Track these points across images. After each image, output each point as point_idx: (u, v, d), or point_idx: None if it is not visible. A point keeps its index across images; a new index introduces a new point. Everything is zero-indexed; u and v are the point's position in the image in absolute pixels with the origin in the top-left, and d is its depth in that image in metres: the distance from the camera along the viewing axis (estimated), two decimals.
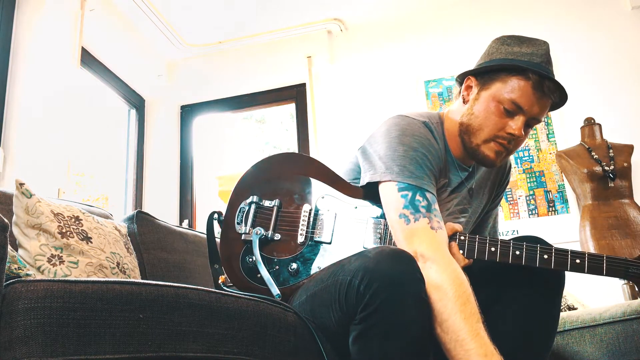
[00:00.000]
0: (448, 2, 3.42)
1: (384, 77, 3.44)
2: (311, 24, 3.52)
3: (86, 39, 2.87)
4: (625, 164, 2.65)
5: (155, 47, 3.56)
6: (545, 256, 1.14)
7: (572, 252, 1.14)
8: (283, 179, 1.37)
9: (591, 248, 2.51)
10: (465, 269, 1.20)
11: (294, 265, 1.26)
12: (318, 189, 1.34)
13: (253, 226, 1.31)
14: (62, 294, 0.77)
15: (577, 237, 2.64)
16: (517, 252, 1.16)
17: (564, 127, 3.07)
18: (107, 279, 1.07)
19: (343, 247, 1.26)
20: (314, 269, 1.25)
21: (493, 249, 1.17)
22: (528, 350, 1.16)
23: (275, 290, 1.21)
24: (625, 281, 2.45)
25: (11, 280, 0.79)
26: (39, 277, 1.21)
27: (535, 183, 3.06)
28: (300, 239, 1.29)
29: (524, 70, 1.23)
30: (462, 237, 1.20)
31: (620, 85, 3.05)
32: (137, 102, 3.62)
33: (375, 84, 3.44)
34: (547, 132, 3.11)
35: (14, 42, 2.57)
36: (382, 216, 1.27)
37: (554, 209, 2.99)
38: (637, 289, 2.44)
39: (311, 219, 1.31)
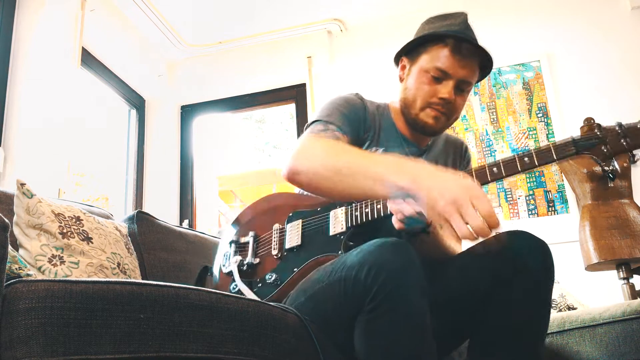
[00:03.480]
0: (448, 3, 3.42)
1: (384, 77, 3.42)
2: (311, 24, 3.52)
3: (86, 39, 2.87)
4: (625, 164, 2.65)
5: (155, 47, 3.56)
6: (495, 169, 1.15)
7: (519, 154, 1.13)
8: (256, 217, 1.49)
9: (591, 248, 2.51)
10: (454, 266, 1.26)
11: (274, 276, 1.32)
12: (285, 211, 1.43)
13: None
14: (62, 294, 0.78)
15: (577, 237, 2.64)
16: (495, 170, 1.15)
17: (563, 128, 3.07)
18: (107, 279, 1.08)
19: (312, 243, 1.32)
20: (291, 271, 1.30)
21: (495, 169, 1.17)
22: (520, 344, 1.17)
23: (253, 297, 1.27)
24: (625, 281, 2.45)
25: (12, 280, 0.79)
26: (39, 277, 1.21)
27: (534, 183, 3.06)
28: (274, 252, 1.36)
29: (442, 37, 1.33)
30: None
31: (620, 85, 3.05)
32: (137, 102, 3.62)
33: (375, 84, 3.44)
34: (547, 132, 3.11)
35: (14, 42, 2.57)
36: (344, 204, 1.32)
37: (553, 209, 2.99)
38: (637, 289, 2.44)
39: (283, 232, 1.39)
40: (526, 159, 1.13)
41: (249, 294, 1.28)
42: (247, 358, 0.94)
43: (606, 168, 1.16)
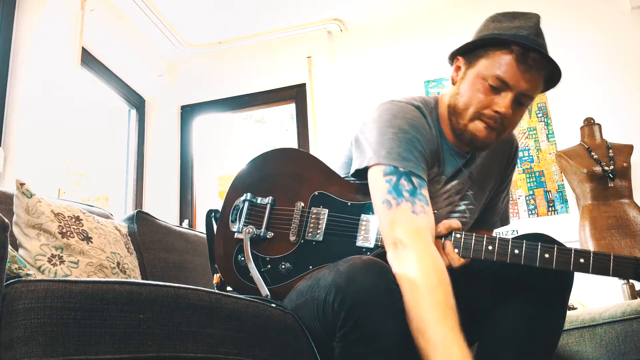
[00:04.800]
0: (448, 3, 3.42)
1: (384, 77, 3.44)
2: (311, 24, 3.52)
3: (86, 39, 2.87)
4: (624, 164, 2.65)
5: (155, 47, 3.56)
6: (547, 255, 1.07)
7: (576, 250, 1.07)
8: (277, 175, 1.35)
9: (591, 248, 2.51)
10: (465, 271, 1.17)
11: (286, 265, 1.24)
12: (311, 186, 1.31)
13: (246, 224, 1.29)
14: (62, 294, 0.77)
15: (577, 237, 2.64)
16: (516, 251, 1.09)
17: (563, 127, 3.07)
18: (107, 279, 1.08)
19: (335, 245, 1.23)
20: (306, 268, 1.23)
21: (490, 247, 1.11)
22: (527, 357, 1.15)
23: (264, 291, 1.21)
24: (625, 281, 2.45)
25: (12, 280, 0.79)
26: (39, 277, 1.21)
27: (535, 183, 3.06)
28: (292, 237, 1.27)
29: (507, 43, 1.17)
30: (458, 235, 1.14)
31: (620, 85, 3.05)
32: (137, 102, 3.62)
33: (375, 84, 3.44)
34: (547, 132, 3.11)
35: (14, 42, 2.57)
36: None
37: (553, 209, 2.99)
38: (636, 289, 2.44)
39: (304, 217, 1.28)
40: (582, 259, 1.06)
41: (255, 273, 1.22)
42: (246, 358, 0.94)
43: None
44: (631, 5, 3.12)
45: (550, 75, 1.22)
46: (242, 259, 1.27)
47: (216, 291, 0.98)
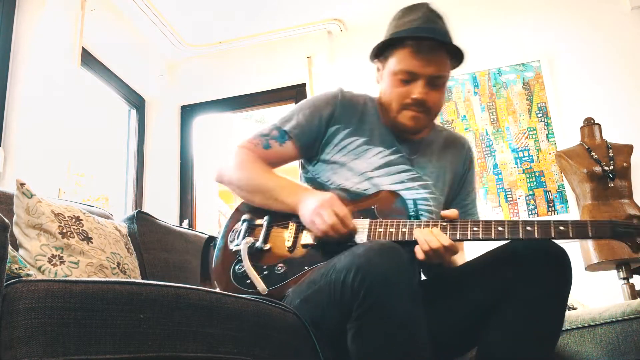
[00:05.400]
0: (448, 3, 3.42)
1: None
2: (311, 24, 3.52)
3: (86, 39, 2.87)
4: (624, 164, 2.65)
5: (155, 47, 3.56)
6: (529, 227, 1.15)
7: (555, 221, 1.15)
8: None
9: (591, 248, 2.51)
10: (463, 272, 1.22)
11: (282, 268, 1.28)
12: None
13: (244, 238, 1.34)
14: (62, 294, 0.78)
15: None
16: (500, 228, 1.17)
17: (563, 128, 3.07)
18: (107, 279, 1.08)
19: (329, 245, 1.28)
20: (301, 268, 1.27)
21: (475, 228, 1.19)
22: (530, 354, 1.15)
23: (261, 286, 1.23)
24: (625, 281, 2.45)
25: (12, 280, 0.79)
26: (39, 277, 1.21)
27: (534, 183, 3.06)
28: (288, 243, 1.32)
29: (401, 40, 1.33)
30: (444, 223, 1.22)
31: (620, 85, 3.05)
32: (137, 102, 3.62)
33: (375, 84, 3.44)
34: (547, 133, 3.11)
35: (14, 42, 2.57)
36: (366, 214, 1.30)
37: (553, 209, 2.99)
38: (636, 289, 2.44)
39: (299, 227, 1.34)
40: (562, 227, 1.15)
41: (256, 280, 1.24)
42: (246, 358, 0.94)
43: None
44: (631, 5, 3.12)
45: (452, 52, 1.36)
46: (239, 267, 1.30)
47: (216, 291, 0.98)
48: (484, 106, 3.26)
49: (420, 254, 1.18)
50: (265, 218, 1.37)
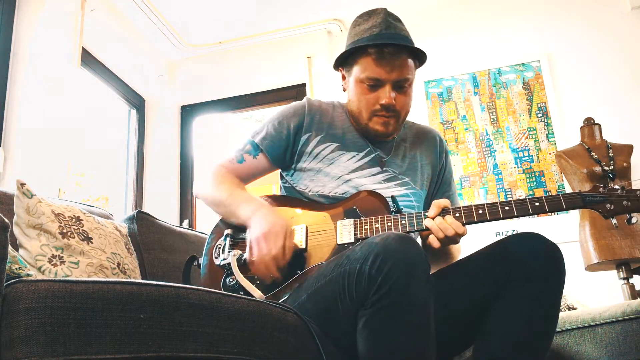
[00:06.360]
0: (448, 3, 3.42)
1: None
2: (311, 24, 3.52)
3: (86, 39, 2.87)
4: (624, 164, 2.65)
5: (155, 47, 3.56)
6: (507, 207, 1.23)
7: (530, 197, 1.25)
8: None
9: (591, 248, 2.51)
10: (459, 270, 1.26)
11: (273, 275, 1.29)
12: (287, 213, 1.41)
13: (231, 250, 1.35)
14: (63, 294, 0.78)
15: (577, 237, 2.64)
16: (480, 211, 1.24)
17: (563, 128, 3.07)
18: (107, 279, 1.08)
19: (319, 248, 1.31)
20: (294, 273, 1.29)
21: (457, 214, 1.25)
22: (524, 352, 1.16)
23: (257, 292, 1.23)
24: (625, 281, 2.45)
25: (12, 280, 0.79)
26: (39, 277, 1.21)
27: (534, 183, 3.06)
28: None
29: (363, 49, 1.35)
30: (447, 209, 1.27)
31: (620, 85, 3.05)
32: (137, 102, 3.62)
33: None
34: (547, 133, 3.11)
35: (14, 42, 2.57)
36: (348, 215, 1.34)
37: None
38: (636, 289, 2.44)
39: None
40: (537, 203, 1.23)
41: (251, 288, 1.25)
42: (247, 358, 0.94)
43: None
44: (631, 5, 3.12)
45: (414, 53, 1.38)
46: (230, 280, 1.31)
47: (216, 291, 0.98)
48: (484, 106, 3.26)
49: (436, 242, 1.24)
50: (248, 231, 1.38)
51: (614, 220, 1.23)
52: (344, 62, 1.44)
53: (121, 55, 3.28)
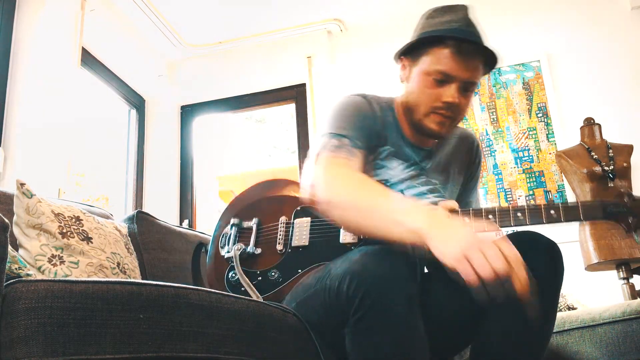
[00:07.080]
0: (447, 3, 3.42)
1: (384, 77, 3.43)
2: (311, 24, 3.52)
3: (86, 39, 2.87)
4: (624, 164, 2.65)
5: (155, 47, 3.56)
6: (519, 214, 1.18)
7: (546, 205, 1.18)
8: (260, 201, 1.44)
9: (591, 248, 2.51)
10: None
11: (276, 273, 1.29)
12: (293, 203, 1.38)
13: (235, 244, 1.35)
14: (62, 294, 0.78)
15: (577, 237, 2.64)
16: (490, 217, 1.19)
17: (563, 127, 3.07)
18: (107, 279, 1.08)
19: (321, 246, 1.29)
20: (295, 272, 1.27)
21: (467, 219, 1.19)
22: (522, 351, 1.16)
23: (255, 294, 1.23)
24: (625, 281, 2.45)
25: (12, 280, 0.79)
26: (39, 277, 1.21)
27: (535, 183, 3.06)
28: (279, 247, 1.32)
29: (441, 39, 1.26)
30: (457, 212, 1.22)
31: (620, 85, 3.05)
32: (137, 102, 3.62)
33: (375, 84, 3.44)
34: (547, 133, 3.11)
35: (14, 42, 2.57)
36: None
37: None
38: (636, 289, 2.44)
39: (289, 228, 1.34)
40: (552, 211, 1.17)
41: (250, 288, 1.25)
42: (246, 358, 0.94)
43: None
44: (631, 5, 3.12)
45: (487, 58, 1.30)
46: (232, 275, 1.31)
47: (216, 291, 0.98)
48: (484, 106, 3.26)
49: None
50: (254, 220, 1.37)
51: (636, 236, 1.15)
52: (411, 51, 1.33)
53: (121, 55, 3.28)
